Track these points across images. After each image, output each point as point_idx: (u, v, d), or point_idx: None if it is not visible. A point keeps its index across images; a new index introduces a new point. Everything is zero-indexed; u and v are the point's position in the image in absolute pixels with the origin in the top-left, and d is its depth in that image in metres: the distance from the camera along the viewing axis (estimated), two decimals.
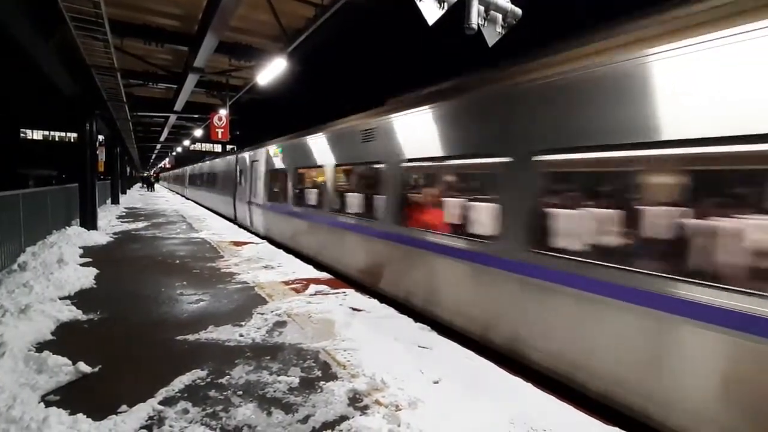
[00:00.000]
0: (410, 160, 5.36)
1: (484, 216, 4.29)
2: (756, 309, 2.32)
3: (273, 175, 10.45)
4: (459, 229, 4.70)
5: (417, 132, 5.24)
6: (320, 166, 7.75)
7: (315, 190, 8.45)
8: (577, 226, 3.44)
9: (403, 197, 5.50)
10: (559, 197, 3.68)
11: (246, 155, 12.76)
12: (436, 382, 3.22)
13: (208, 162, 21.95)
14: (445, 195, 5.18)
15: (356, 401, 2.94)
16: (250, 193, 12.16)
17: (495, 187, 4.13)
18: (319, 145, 7.86)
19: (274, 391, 3.05)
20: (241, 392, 3.03)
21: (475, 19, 3.38)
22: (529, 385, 3.19)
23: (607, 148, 3.11)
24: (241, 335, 4.09)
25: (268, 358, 3.60)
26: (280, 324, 4.42)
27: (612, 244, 3.21)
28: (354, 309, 4.93)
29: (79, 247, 8.23)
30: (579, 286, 3.20)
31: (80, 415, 2.60)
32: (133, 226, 12.69)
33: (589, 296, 3.13)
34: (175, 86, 11.13)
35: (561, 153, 3.44)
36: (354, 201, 6.92)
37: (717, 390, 2.51)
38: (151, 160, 50.20)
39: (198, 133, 17.68)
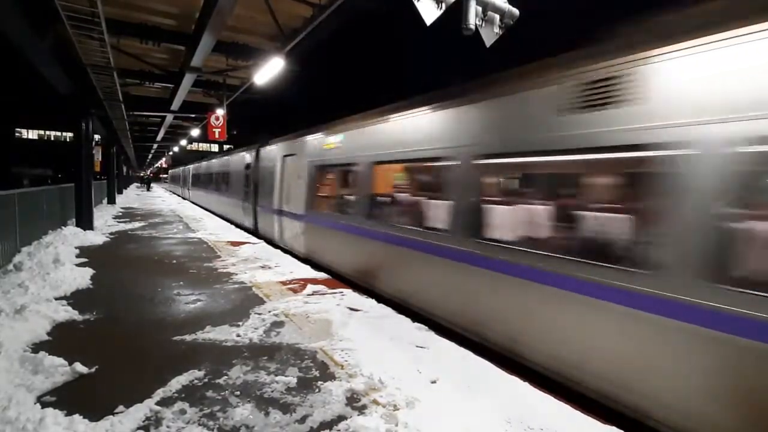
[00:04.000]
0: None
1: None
2: None
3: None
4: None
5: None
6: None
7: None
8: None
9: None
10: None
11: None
12: (434, 382, 3.22)
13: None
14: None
15: (354, 401, 2.94)
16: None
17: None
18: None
19: (272, 392, 3.05)
20: (238, 392, 3.02)
21: (472, 19, 3.39)
22: (527, 384, 3.20)
23: None
24: (238, 335, 4.08)
25: (266, 358, 3.60)
26: (278, 324, 4.42)
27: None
28: (351, 309, 4.93)
29: (75, 247, 8.19)
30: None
31: (77, 416, 2.58)
32: (129, 226, 12.64)
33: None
34: (172, 86, 11.09)
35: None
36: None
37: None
38: (148, 160, 49.98)
39: (195, 132, 17.61)
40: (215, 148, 64.52)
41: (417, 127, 5.18)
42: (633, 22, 3.10)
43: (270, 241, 9.96)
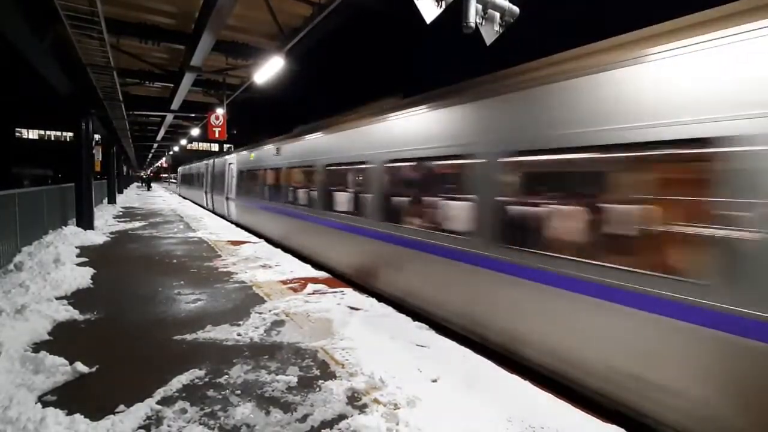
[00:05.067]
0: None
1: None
2: None
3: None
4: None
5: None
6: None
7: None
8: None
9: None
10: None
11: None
12: (434, 381, 3.22)
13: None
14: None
15: (355, 400, 2.94)
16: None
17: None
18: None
19: (273, 391, 3.05)
20: (239, 392, 3.02)
21: (473, 17, 3.38)
22: (527, 383, 3.20)
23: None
24: (239, 335, 4.08)
25: (267, 357, 3.60)
26: (278, 323, 4.42)
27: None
28: (352, 308, 4.93)
29: (76, 247, 8.19)
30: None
31: (78, 416, 2.59)
32: (129, 225, 12.64)
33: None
34: (172, 85, 11.09)
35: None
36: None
37: None
38: (148, 160, 50.01)
39: (195, 132, 17.61)
40: (215, 147, 64.62)
41: None
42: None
43: None
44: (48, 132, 55.95)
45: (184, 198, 28.83)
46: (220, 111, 11.32)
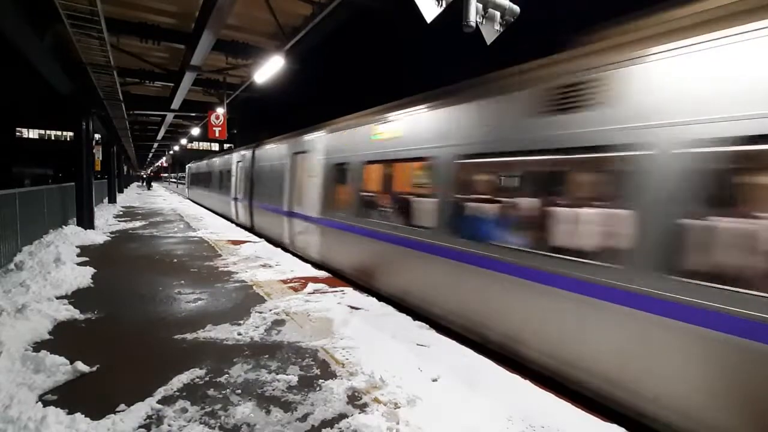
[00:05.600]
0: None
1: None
2: None
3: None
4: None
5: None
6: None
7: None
8: None
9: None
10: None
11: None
12: (435, 380, 3.22)
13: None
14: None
15: (355, 399, 2.95)
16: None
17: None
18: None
19: (273, 390, 3.05)
20: (239, 391, 3.03)
21: (473, 16, 3.37)
22: (527, 382, 3.20)
23: None
24: (239, 334, 4.08)
25: (267, 356, 3.60)
26: (279, 323, 4.42)
27: None
28: (352, 307, 4.93)
29: (76, 247, 8.20)
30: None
31: (78, 415, 2.59)
32: (130, 225, 12.64)
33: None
34: (172, 84, 11.09)
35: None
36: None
37: None
38: (148, 159, 50.08)
39: (195, 131, 17.62)
40: (215, 147, 64.68)
41: None
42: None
43: None
44: (48, 131, 55.97)
45: (194, 201, 23.74)
46: (220, 110, 11.32)
